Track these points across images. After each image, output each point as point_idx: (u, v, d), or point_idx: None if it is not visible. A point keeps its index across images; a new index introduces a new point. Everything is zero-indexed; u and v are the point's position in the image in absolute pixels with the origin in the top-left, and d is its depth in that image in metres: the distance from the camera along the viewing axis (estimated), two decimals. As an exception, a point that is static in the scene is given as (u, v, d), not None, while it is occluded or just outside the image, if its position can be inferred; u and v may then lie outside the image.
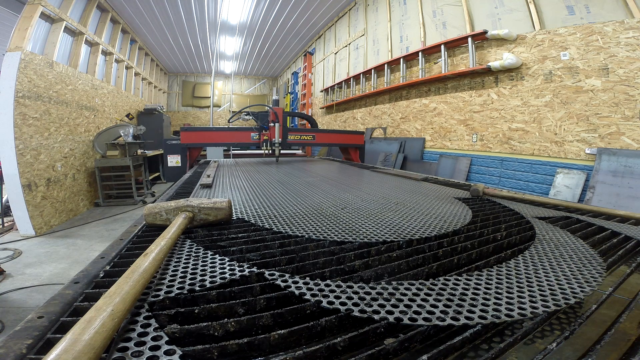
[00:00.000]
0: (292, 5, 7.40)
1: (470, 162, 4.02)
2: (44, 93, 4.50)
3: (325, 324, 0.42)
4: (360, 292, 0.49)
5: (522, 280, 0.55)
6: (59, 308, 0.46)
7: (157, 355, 0.34)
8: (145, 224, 0.90)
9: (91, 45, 6.31)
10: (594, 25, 2.82)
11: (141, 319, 0.41)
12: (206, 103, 13.84)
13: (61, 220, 4.61)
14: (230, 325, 0.41)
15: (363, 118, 6.79)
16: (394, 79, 5.56)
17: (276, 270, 0.59)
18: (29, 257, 3.28)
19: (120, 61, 7.78)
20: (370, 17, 6.60)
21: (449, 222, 0.96)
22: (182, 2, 7.18)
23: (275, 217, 1.01)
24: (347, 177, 2.14)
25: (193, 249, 0.70)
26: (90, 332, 0.31)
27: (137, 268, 0.48)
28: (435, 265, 0.63)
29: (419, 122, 5.01)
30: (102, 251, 0.72)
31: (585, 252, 0.71)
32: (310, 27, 8.91)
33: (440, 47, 4.34)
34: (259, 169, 2.51)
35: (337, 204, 1.22)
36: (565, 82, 3.03)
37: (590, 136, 2.88)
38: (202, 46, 10.26)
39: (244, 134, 3.25)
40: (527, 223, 0.97)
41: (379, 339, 0.40)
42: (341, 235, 0.81)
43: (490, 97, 3.82)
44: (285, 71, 13.53)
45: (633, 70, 2.58)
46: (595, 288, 0.53)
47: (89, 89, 5.96)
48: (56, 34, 4.96)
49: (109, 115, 6.83)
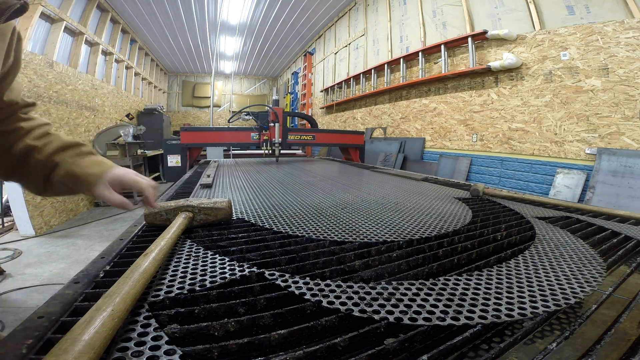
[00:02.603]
0: (292, 5, 7.40)
1: (470, 162, 4.02)
2: (44, 93, 4.50)
3: (326, 324, 0.42)
4: (360, 292, 0.49)
5: (522, 280, 0.55)
6: (59, 308, 0.46)
7: (157, 355, 0.34)
8: (145, 224, 0.90)
9: (91, 45, 6.31)
10: (594, 25, 2.82)
11: (141, 319, 0.41)
12: (206, 103, 13.84)
13: (61, 220, 4.61)
14: (231, 325, 0.41)
15: (363, 118, 6.79)
16: (394, 79, 5.56)
17: (276, 270, 0.59)
18: (29, 257, 3.28)
19: (120, 61, 7.77)
20: (370, 17, 6.60)
21: (449, 222, 0.96)
22: (182, 2, 7.18)
23: (275, 217, 1.01)
24: (347, 177, 2.14)
25: (193, 249, 0.70)
26: (90, 332, 0.31)
27: (137, 268, 0.48)
28: (435, 265, 0.63)
29: (419, 122, 5.01)
30: (102, 251, 0.72)
31: (585, 252, 0.71)
32: (310, 27, 8.91)
33: (440, 47, 4.33)
34: (259, 169, 2.51)
35: (337, 204, 1.22)
36: (565, 82, 3.03)
37: (590, 136, 2.88)
38: (202, 46, 10.26)
39: (244, 134, 3.25)
40: (527, 223, 0.97)
41: (379, 339, 0.40)
42: (341, 235, 0.81)
43: (490, 97, 3.82)
44: (285, 71, 13.53)
45: (633, 70, 2.58)
46: (595, 288, 0.53)
47: (89, 89, 5.96)
48: (56, 34, 4.96)
49: (109, 115, 6.82)
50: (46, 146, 0.69)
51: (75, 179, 0.69)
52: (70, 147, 0.72)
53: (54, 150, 0.69)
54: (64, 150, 0.71)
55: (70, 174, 0.68)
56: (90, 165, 0.70)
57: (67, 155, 0.70)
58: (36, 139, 0.69)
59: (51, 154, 0.69)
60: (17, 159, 0.68)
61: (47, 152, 0.69)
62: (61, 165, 0.69)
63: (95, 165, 0.71)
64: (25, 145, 0.67)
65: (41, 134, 0.71)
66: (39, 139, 0.70)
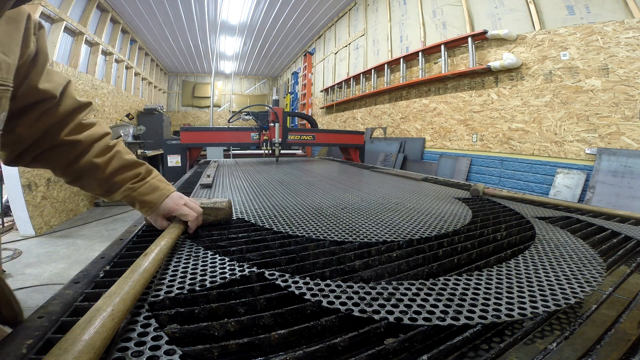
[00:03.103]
0: (292, 5, 7.40)
1: (470, 162, 4.02)
2: (44, 93, 4.49)
3: (326, 324, 0.42)
4: (360, 292, 0.49)
5: (522, 280, 0.55)
6: (59, 308, 0.46)
7: (157, 355, 0.34)
8: (145, 224, 0.90)
9: (91, 45, 6.30)
10: (594, 25, 2.82)
11: (141, 319, 0.41)
12: (206, 103, 13.84)
13: (61, 220, 4.61)
14: (231, 325, 0.41)
15: (363, 118, 6.79)
16: (394, 79, 5.56)
17: (276, 270, 0.59)
18: (29, 257, 3.28)
19: (120, 61, 7.77)
20: (370, 17, 6.60)
21: (449, 222, 0.96)
22: (182, 2, 7.18)
23: (275, 217, 1.01)
24: (347, 177, 2.14)
25: (193, 249, 0.70)
26: (90, 332, 0.31)
27: (137, 268, 0.48)
28: (435, 265, 0.63)
29: (419, 122, 5.01)
30: (102, 251, 0.72)
31: (585, 252, 0.71)
32: (310, 27, 8.91)
33: (440, 47, 4.33)
34: (259, 169, 2.51)
35: (337, 204, 1.22)
36: (565, 82, 3.03)
37: (590, 136, 2.88)
38: (202, 46, 10.26)
39: (244, 134, 3.25)
40: (527, 223, 0.97)
41: (379, 338, 0.40)
42: (341, 235, 0.81)
43: (490, 97, 3.82)
44: (285, 71, 13.53)
45: (633, 70, 2.58)
46: (595, 288, 0.53)
47: (89, 89, 5.96)
48: (56, 34, 4.96)
49: (109, 115, 6.82)
50: (108, 165, 0.72)
51: (133, 203, 0.76)
52: (130, 167, 0.75)
53: (115, 171, 0.73)
54: (124, 172, 0.74)
55: (128, 197, 0.75)
56: (148, 192, 0.76)
57: (128, 177, 0.75)
58: (99, 156, 0.71)
59: (112, 174, 0.72)
60: (80, 173, 0.70)
61: (109, 171, 0.72)
62: (121, 187, 0.74)
63: (153, 192, 0.77)
64: (89, 162, 0.69)
65: (103, 149, 0.72)
66: (101, 155, 0.71)
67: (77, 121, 0.68)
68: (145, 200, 0.76)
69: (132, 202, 0.76)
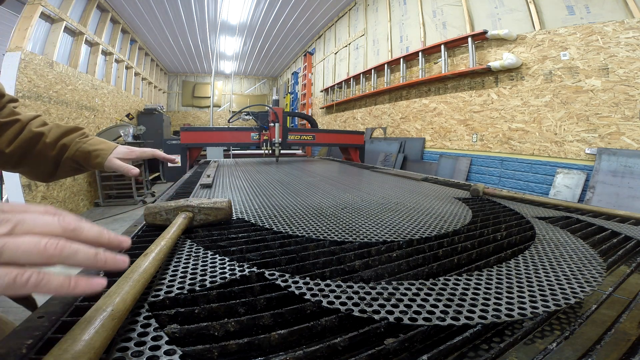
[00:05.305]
0: (292, 5, 7.41)
1: (470, 162, 4.02)
2: (44, 93, 4.50)
3: (326, 324, 0.42)
4: (360, 292, 0.49)
5: (522, 280, 0.55)
6: (59, 308, 0.46)
7: (157, 355, 0.34)
8: (145, 224, 0.90)
9: (91, 45, 6.31)
10: (594, 25, 2.82)
11: (141, 319, 0.41)
12: (206, 103, 13.84)
13: (61, 220, 4.61)
14: (231, 325, 0.41)
15: (363, 118, 6.79)
16: (394, 79, 5.56)
17: (276, 270, 0.59)
18: (29, 257, 3.28)
19: (120, 61, 7.77)
20: (370, 17, 6.60)
21: (449, 222, 0.96)
22: (182, 2, 7.18)
23: (275, 217, 1.01)
24: (347, 177, 2.13)
25: (193, 249, 0.70)
26: (90, 332, 0.31)
27: (137, 268, 0.48)
28: (435, 265, 0.63)
29: (419, 122, 5.01)
30: (102, 251, 0.72)
31: (585, 252, 0.70)
32: (310, 27, 8.91)
33: (440, 47, 4.34)
34: (259, 169, 2.51)
35: (337, 204, 1.22)
36: (565, 82, 3.03)
37: (590, 136, 2.88)
38: (202, 46, 10.27)
39: (244, 134, 3.25)
40: (527, 223, 0.97)
41: (379, 338, 0.40)
42: (341, 235, 0.81)
43: (490, 97, 3.82)
44: (285, 71, 13.53)
45: (633, 70, 2.58)
46: (595, 288, 0.53)
47: (89, 89, 5.96)
48: (56, 34, 4.96)
49: (109, 115, 6.83)
50: (51, 131, 0.77)
51: (87, 155, 0.79)
52: (74, 130, 0.82)
53: (61, 135, 0.78)
54: (69, 134, 0.80)
55: (81, 151, 0.78)
56: (98, 143, 0.82)
57: (74, 137, 0.80)
58: (39, 127, 0.77)
59: (58, 138, 0.78)
60: (25, 146, 0.75)
61: (54, 136, 0.77)
62: (71, 146, 0.78)
63: (103, 143, 0.83)
64: (31, 132, 0.74)
65: (41, 122, 0.78)
66: (42, 126, 0.77)
67: (10, 109, 0.76)
68: (98, 149, 0.80)
69: (86, 155, 0.79)
